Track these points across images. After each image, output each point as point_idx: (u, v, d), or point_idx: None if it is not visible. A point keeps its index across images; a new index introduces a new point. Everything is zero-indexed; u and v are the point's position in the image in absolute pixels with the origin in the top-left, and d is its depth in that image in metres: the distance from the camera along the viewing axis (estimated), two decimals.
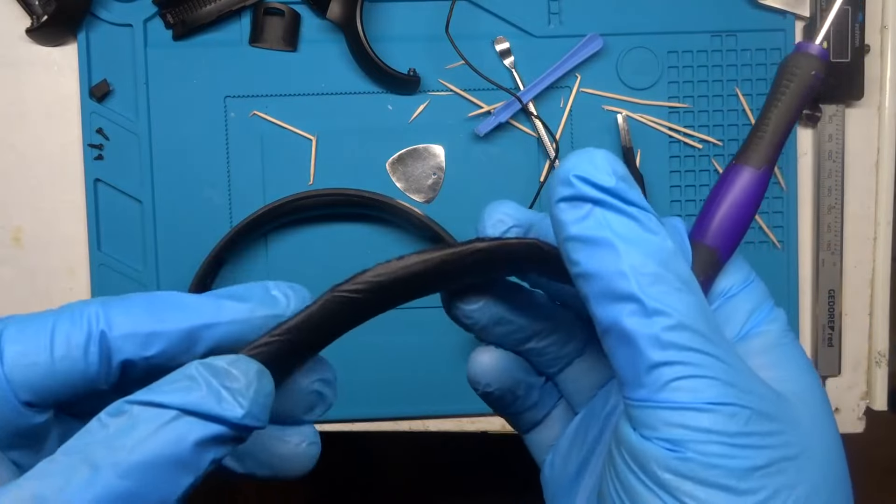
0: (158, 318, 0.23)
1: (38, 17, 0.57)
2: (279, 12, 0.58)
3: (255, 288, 0.25)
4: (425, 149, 0.60)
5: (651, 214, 0.23)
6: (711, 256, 0.27)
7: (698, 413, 0.22)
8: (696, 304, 0.23)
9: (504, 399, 0.30)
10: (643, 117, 0.60)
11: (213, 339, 0.24)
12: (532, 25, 0.60)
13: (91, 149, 0.58)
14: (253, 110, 0.59)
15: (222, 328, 0.24)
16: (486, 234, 0.27)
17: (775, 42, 0.60)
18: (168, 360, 0.23)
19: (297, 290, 0.25)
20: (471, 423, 0.61)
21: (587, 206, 0.23)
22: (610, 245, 0.22)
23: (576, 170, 0.23)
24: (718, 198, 0.28)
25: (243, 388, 0.22)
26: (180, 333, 0.23)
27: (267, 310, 0.24)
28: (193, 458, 0.21)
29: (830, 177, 0.61)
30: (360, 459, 1.08)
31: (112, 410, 0.21)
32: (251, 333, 0.24)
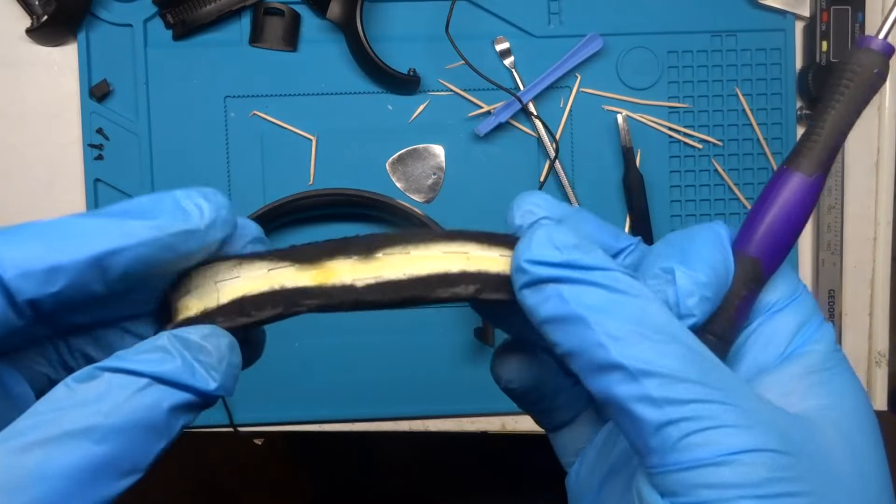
0: (56, 250, 0.21)
1: (38, 17, 0.57)
2: (279, 12, 0.58)
3: (163, 200, 0.23)
4: (425, 149, 0.60)
5: (617, 272, 0.22)
6: (755, 269, 0.25)
7: (718, 468, 0.20)
8: (685, 352, 0.21)
9: (527, 397, 0.29)
10: (643, 117, 0.60)
11: (122, 264, 0.22)
12: (532, 25, 0.60)
13: (91, 149, 0.58)
14: (253, 110, 0.59)
15: (131, 252, 0.22)
16: (514, 225, 0.26)
17: (775, 42, 0.60)
18: (78, 292, 0.22)
19: (210, 197, 0.23)
20: (471, 423, 0.61)
21: (549, 287, 0.22)
22: (580, 319, 0.22)
23: (525, 254, 0.22)
24: (766, 205, 0.26)
25: (215, 362, 0.22)
26: (83, 263, 0.21)
27: (179, 224, 0.22)
28: (166, 424, 0.21)
29: (830, 177, 0.61)
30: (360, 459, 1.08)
31: (81, 376, 0.21)
32: (163, 252, 0.22)
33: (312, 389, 0.60)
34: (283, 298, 0.24)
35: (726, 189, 0.61)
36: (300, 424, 0.60)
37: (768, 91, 0.61)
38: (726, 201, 0.61)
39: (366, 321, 0.60)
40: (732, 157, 0.61)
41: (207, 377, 0.22)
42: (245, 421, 0.60)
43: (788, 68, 0.61)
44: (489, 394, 0.61)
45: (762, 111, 0.61)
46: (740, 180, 0.61)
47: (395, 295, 0.24)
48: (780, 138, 0.61)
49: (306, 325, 0.60)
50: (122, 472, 0.20)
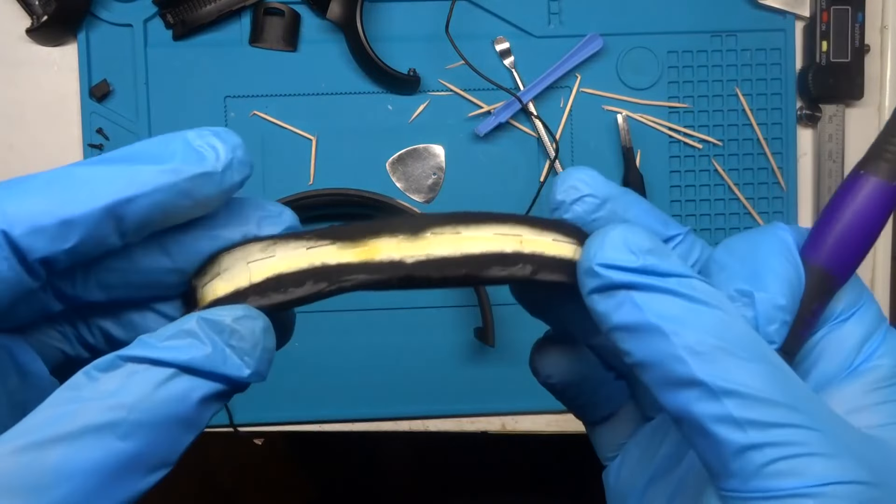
0: (65, 202, 0.19)
1: (38, 17, 0.57)
2: (279, 12, 0.58)
3: (173, 141, 0.21)
4: (425, 149, 0.60)
5: (694, 279, 0.21)
6: (827, 281, 0.24)
7: (805, 500, 0.19)
8: (770, 371, 0.20)
9: (567, 392, 0.28)
10: (643, 117, 0.60)
11: (138, 213, 0.20)
12: (532, 25, 0.60)
13: (91, 149, 0.58)
14: (253, 110, 0.59)
15: (146, 199, 0.20)
16: (556, 200, 0.24)
17: (775, 42, 0.60)
18: (94, 246, 0.20)
19: (223, 136, 0.22)
20: (471, 423, 0.61)
21: (621, 293, 0.21)
22: (656, 329, 0.20)
23: (597, 257, 0.21)
24: (839, 213, 0.24)
25: (249, 347, 0.20)
26: (97, 215, 0.19)
27: (194, 167, 0.21)
28: (196, 416, 0.20)
29: (830, 177, 0.61)
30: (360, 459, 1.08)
31: (102, 364, 0.19)
32: (180, 198, 0.20)
33: (312, 389, 0.60)
34: (326, 274, 0.22)
35: (726, 189, 0.61)
36: (300, 424, 0.60)
37: (768, 91, 0.61)
38: (726, 201, 0.61)
39: (366, 321, 0.60)
40: (732, 157, 0.61)
41: (241, 364, 0.20)
42: (245, 421, 0.60)
43: (788, 68, 0.61)
44: (489, 394, 0.61)
45: (762, 111, 0.61)
46: (740, 180, 0.61)
47: (449, 272, 0.22)
48: (780, 138, 0.61)
49: (306, 325, 0.59)
50: (150, 467, 0.19)
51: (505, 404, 0.61)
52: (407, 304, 0.60)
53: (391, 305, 0.60)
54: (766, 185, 0.61)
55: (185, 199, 0.21)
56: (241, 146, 0.22)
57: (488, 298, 0.56)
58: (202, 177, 0.21)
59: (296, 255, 0.22)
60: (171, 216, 0.21)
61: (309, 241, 0.22)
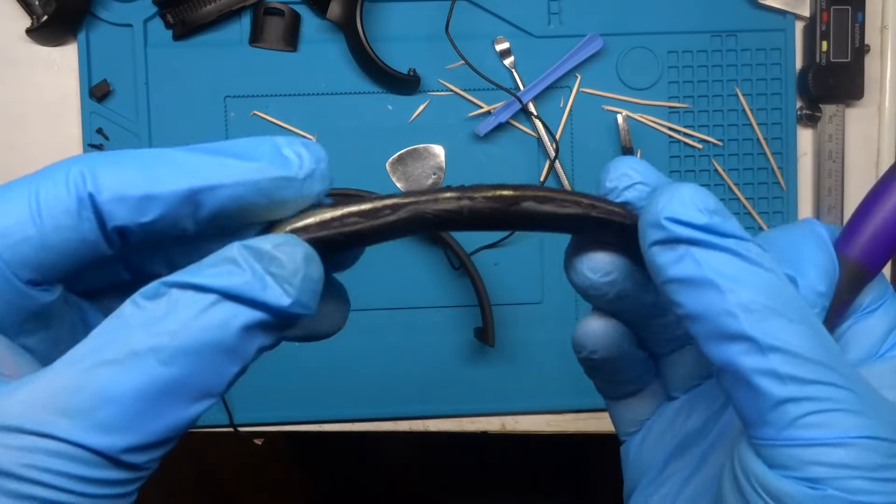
0: (153, 179, 0.20)
1: (38, 17, 0.57)
2: (279, 12, 0.58)
3: (262, 144, 0.22)
4: (425, 149, 0.60)
5: (751, 243, 0.22)
6: (860, 274, 0.25)
7: (834, 448, 0.21)
8: (814, 334, 0.22)
9: (604, 368, 0.29)
10: (643, 117, 0.60)
11: (216, 203, 0.21)
12: (532, 25, 0.60)
13: (91, 149, 0.58)
14: (253, 110, 0.59)
15: (227, 191, 0.21)
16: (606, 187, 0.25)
17: (775, 42, 0.60)
18: (169, 226, 0.21)
19: (311, 147, 0.22)
20: (471, 423, 0.61)
21: (682, 247, 0.22)
22: (712, 284, 0.21)
23: (665, 211, 0.22)
24: (874, 208, 0.25)
25: (289, 274, 0.20)
26: (178, 196, 0.20)
27: (278, 170, 0.21)
28: (240, 345, 0.20)
29: (830, 177, 0.61)
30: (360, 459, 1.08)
31: (148, 292, 0.20)
32: (259, 197, 0.21)
33: (312, 389, 0.60)
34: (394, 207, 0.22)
35: (726, 189, 0.61)
36: (300, 424, 0.60)
37: (768, 91, 0.61)
38: (726, 201, 0.61)
39: (366, 321, 0.60)
40: (732, 157, 0.61)
41: (281, 291, 0.20)
42: (245, 421, 0.60)
43: (788, 68, 0.61)
44: (489, 394, 0.61)
45: (762, 111, 0.61)
46: (740, 180, 0.61)
47: (508, 205, 0.23)
48: (780, 138, 0.61)
49: None
50: (194, 395, 0.19)
51: (505, 404, 0.61)
52: (407, 304, 0.60)
53: (391, 305, 0.60)
54: (766, 185, 0.61)
55: (263, 198, 0.21)
56: (325, 160, 0.22)
57: (488, 298, 0.56)
58: (284, 180, 0.21)
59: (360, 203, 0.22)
60: (247, 212, 0.22)
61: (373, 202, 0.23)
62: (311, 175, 0.22)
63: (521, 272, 0.60)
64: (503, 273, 0.60)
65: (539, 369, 0.60)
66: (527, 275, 0.60)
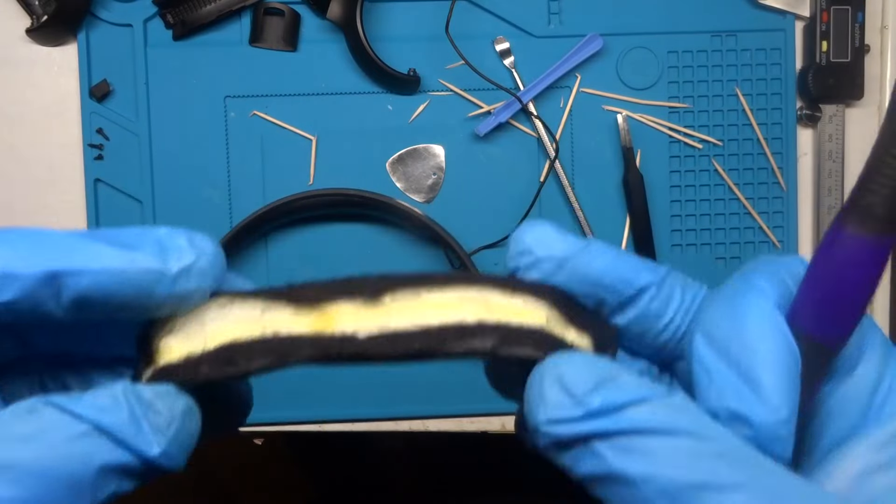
0: (16, 258, 0.20)
1: (38, 17, 0.57)
2: (279, 12, 0.58)
3: (147, 234, 0.21)
4: (425, 149, 0.60)
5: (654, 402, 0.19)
6: (822, 353, 0.21)
7: None
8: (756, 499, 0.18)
9: None
10: (643, 117, 0.60)
11: (78, 289, 0.20)
12: (532, 25, 0.60)
13: (91, 149, 0.58)
14: (253, 110, 0.59)
15: (90, 277, 0.20)
16: (510, 266, 0.23)
17: (775, 42, 0.60)
18: (31, 307, 0.20)
19: (195, 241, 0.22)
20: (471, 423, 0.61)
21: (576, 446, 0.19)
22: (622, 477, 0.18)
23: (539, 415, 0.19)
24: (824, 276, 0.20)
25: (164, 425, 0.20)
26: (39, 277, 0.20)
27: (150, 262, 0.20)
28: (93, 484, 0.19)
29: (830, 177, 0.61)
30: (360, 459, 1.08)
31: (25, 406, 0.19)
32: (125, 289, 0.20)
33: (312, 389, 0.60)
34: (276, 348, 0.21)
35: (726, 189, 0.61)
36: (300, 424, 0.60)
37: (768, 91, 0.61)
38: (726, 201, 0.61)
39: None
40: (732, 157, 0.61)
41: (152, 440, 0.19)
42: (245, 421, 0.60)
43: (788, 68, 0.61)
44: (489, 394, 0.61)
45: (762, 111, 0.61)
46: (740, 180, 0.61)
47: (402, 348, 0.21)
48: (780, 138, 0.61)
49: None
50: None
51: (505, 404, 0.61)
52: None
53: None
54: (766, 185, 0.61)
55: (130, 290, 0.20)
56: (209, 255, 0.21)
57: None
58: (153, 273, 0.20)
59: (250, 319, 0.21)
60: (114, 303, 0.21)
61: (266, 303, 0.22)
62: (186, 271, 0.21)
63: None
64: None
65: None
66: None
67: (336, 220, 0.60)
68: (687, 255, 0.61)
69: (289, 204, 0.56)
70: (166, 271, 0.21)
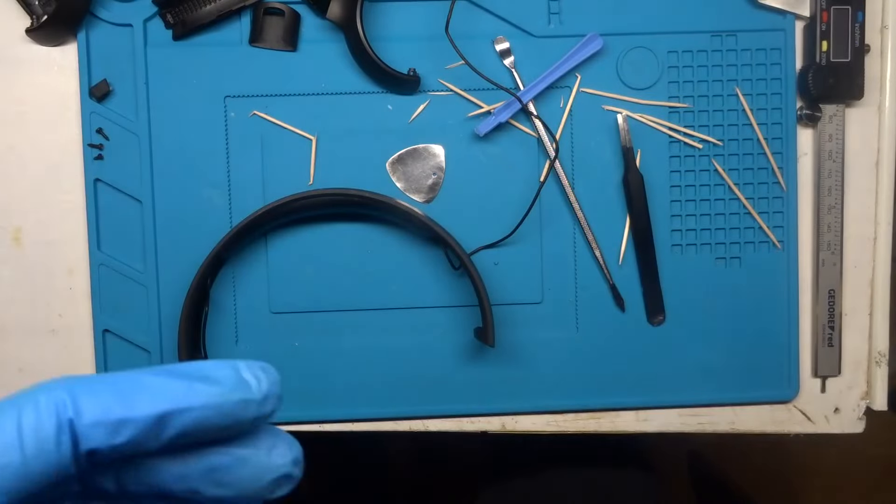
0: (128, 404, 0.22)
1: (38, 17, 0.57)
2: (279, 12, 0.58)
3: (224, 367, 0.24)
4: (425, 149, 0.60)
5: None
6: None
7: None
8: None
9: None
10: (643, 117, 0.60)
11: (182, 425, 0.23)
12: (532, 25, 0.60)
13: (91, 149, 0.58)
14: (253, 110, 0.59)
15: (194, 413, 0.23)
16: None
17: (775, 42, 0.60)
18: (135, 447, 0.22)
19: (267, 371, 0.25)
20: (471, 423, 0.61)
21: None
22: None
23: None
24: None
25: None
26: (151, 419, 0.22)
27: (239, 394, 0.23)
28: None
29: (830, 177, 0.61)
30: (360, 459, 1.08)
31: None
32: (221, 418, 0.23)
33: (312, 389, 0.60)
34: None
35: (726, 189, 0.61)
36: (300, 424, 0.60)
37: (768, 91, 0.61)
38: (726, 201, 0.61)
39: (366, 321, 0.60)
40: (732, 157, 0.61)
41: None
42: None
43: (788, 68, 0.61)
44: (489, 394, 0.61)
45: (762, 111, 0.61)
46: (740, 180, 0.61)
47: None
48: (780, 138, 0.61)
49: (307, 324, 0.60)
50: None
51: (505, 404, 0.61)
52: (407, 304, 0.60)
53: (391, 305, 0.60)
54: (766, 185, 0.61)
55: (224, 419, 0.23)
56: (279, 382, 0.25)
57: (488, 298, 0.56)
58: (245, 402, 0.23)
59: None
60: (208, 432, 0.23)
61: None
62: (267, 397, 0.24)
63: (521, 272, 0.60)
64: (503, 273, 0.60)
65: (539, 369, 0.60)
66: (527, 275, 0.60)
67: (336, 220, 0.60)
68: (687, 255, 0.61)
69: (289, 204, 0.56)
70: (253, 399, 0.24)
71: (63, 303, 0.60)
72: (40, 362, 0.60)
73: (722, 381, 0.61)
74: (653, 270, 0.60)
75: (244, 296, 0.59)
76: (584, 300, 0.61)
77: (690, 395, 0.61)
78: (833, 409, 0.63)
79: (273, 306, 0.59)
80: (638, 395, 0.61)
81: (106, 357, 0.59)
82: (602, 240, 0.60)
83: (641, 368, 0.61)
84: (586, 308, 0.61)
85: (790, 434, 0.63)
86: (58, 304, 0.60)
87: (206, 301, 0.58)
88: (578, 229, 0.60)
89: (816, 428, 0.63)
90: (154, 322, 0.59)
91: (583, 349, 0.61)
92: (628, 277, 0.61)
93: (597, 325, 0.61)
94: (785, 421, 0.63)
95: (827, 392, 0.63)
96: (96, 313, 0.59)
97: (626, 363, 0.61)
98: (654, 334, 0.61)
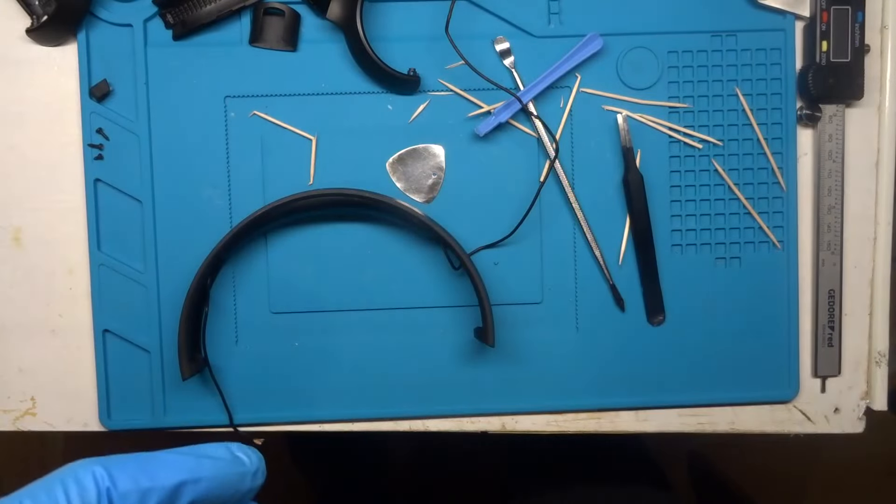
0: (152, 475, 0.27)
1: (38, 17, 0.57)
2: (279, 12, 0.58)
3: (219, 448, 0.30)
4: (425, 149, 0.60)
5: None
6: None
7: None
8: None
9: None
10: (643, 117, 0.60)
11: (195, 493, 0.28)
12: (532, 25, 0.60)
13: (91, 149, 0.58)
14: (253, 110, 0.59)
15: (203, 484, 0.28)
16: None
17: (775, 42, 0.60)
18: None
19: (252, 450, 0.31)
20: (471, 423, 0.61)
21: None
22: None
23: None
24: None
25: None
26: (170, 488, 0.28)
27: (238, 467, 0.30)
28: None
29: (830, 177, 0.61)
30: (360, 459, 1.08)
31: None
32: (222, 489, 0.29)
33: (312, 389, 0.60)
34: None
35: (726, 189, 0.61)
36: (300, 424, 0.60)
37: (768, 91, 0.61)
38: (726, 201, 0.61)
39: (366, 321, 0.60)
40: (732, 157, 0.61)
41: None
42: (245, 421, 0.60)
43: (788, 68, 0.61)
44: (489, 394, 0.61)
45: (762, 111, 0.61)
46: (740, 180, 0.61)
47: None
48: (780, 138, 0.61)
49: (306, 325, 0.60)
50: None
51: (505, 404, 0.61)
52: (407, 304, 0.60)
53: (391, 305, 0.60)
54: (766, 185, 0.61)
55: (227, 490, 0.29)
56: (263, 460, 0.31)
57: (488, 298, 0.56)
58: (242, 475, 0.30)
59: None
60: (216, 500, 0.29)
61: None
62: (259, 470, 0.31)
63: (521, 272, 0.60)
64: (503, 273, 0.60)
65: (539, 369, 0.60)
66: (527, 275, 0.60)
67: (336, 220, 0.60)
68: (687, 255, 0.61)
69: (289, 204, 0.56)
70: (248, 471, 0.30)
71: (63, 303, 0.60)
72: (40, 362, 0.60)
73: (722, 381, 0.61)
74: (653, 270, 0.60)
75: (244, 296, 0.59)
76: (584, 300, 0.61)
77: (690, 395, 0.61)
78: (833, 409, 0.63)
79: (273, 306, 0.59)
80: (638, 395, 0.61)
81: (106, 357, 0.59)
82: (602, 240, 0.60)
83: (641, 368, 0.61)
84: (586, 308, 0.61)
85: (790, 434, 0.63)
86: (58, 304, 0.60)
87: (206, 301, 0.58)
88: (578, 229, 0.60)
89: (816, 428, 0.63)
90: (154, 322, 0.59)
91: (583, 349, 0.61)
92: (628, 277, 0.61)
93: (597, 325, 0.61)
94: (785, 421, 0.63)
95: (827, 392, 0.63)
96: (96, 313, 0.59)
97: (625, 363, 0.61)
98: (653, 334, 0.61)
